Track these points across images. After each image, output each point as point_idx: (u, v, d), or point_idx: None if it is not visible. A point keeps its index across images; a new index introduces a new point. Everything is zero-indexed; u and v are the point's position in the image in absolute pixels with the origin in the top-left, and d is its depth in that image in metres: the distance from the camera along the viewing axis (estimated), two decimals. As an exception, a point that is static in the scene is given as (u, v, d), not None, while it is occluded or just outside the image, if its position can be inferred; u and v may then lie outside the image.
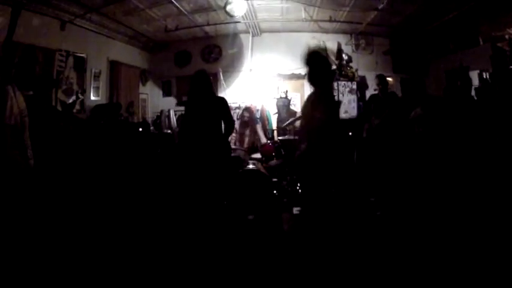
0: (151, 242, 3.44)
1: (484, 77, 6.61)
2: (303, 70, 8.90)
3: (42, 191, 3.69)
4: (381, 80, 5.86)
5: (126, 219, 3.97)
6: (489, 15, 6.43)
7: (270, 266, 2.93)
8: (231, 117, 4.17)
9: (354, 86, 8.81)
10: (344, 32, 8.85)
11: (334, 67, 8.64)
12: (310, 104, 3.44)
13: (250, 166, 4.67)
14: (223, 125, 4.10)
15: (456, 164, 3.80)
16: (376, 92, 6.01)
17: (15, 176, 3.22)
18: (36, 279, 2.58)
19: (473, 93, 5.73)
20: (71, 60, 6.40)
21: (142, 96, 9.16)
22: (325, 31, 8.69)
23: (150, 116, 9.12)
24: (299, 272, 2.78)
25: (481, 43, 6.99)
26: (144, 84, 9.33)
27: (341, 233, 3.10)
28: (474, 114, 4.26)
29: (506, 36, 6.30)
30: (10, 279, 2.49)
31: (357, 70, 8.86)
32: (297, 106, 8.91)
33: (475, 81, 6.44)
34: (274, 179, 5.03)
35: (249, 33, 8.88)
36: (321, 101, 3.32)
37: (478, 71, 6.77)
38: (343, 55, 8.83)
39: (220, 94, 8.57)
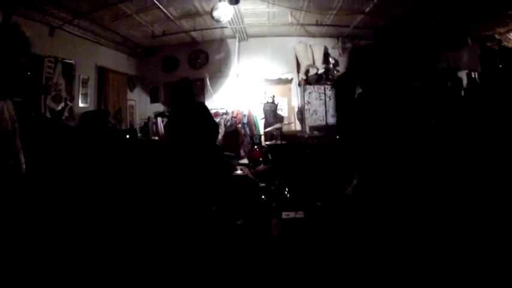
0: (138, 247, 3.43)
1: (473, 76, 6.66)
2: (289, 75, 9.00)
3: (33, 196, 3.69)
4: None
5: (114, 225, 3.95)
6: (479, 15, 6.45)
7: (258, 270, 2.94)
8: (214, 121, 4.18)
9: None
10: (331, 36, 8.92)
11: (321, 71, 8.68)
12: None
13: (238, 172, 4.69)
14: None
15: (448, 164, 3.83)
16: None
17: (8, 180, 3.25)
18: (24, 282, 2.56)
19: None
20: (59, 66, 6.34)
21: (130, 103, 9.12)
22: (312, 35, 8.75)
23: (137, 123, 9.06)
24: (287, 277, 2.80)
25: (470, 43, 7.03)
26: (131, 91, 9.28)
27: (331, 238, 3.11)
28: (466, 115, 4.30)
29: (496, 36, 6.35)
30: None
31: (343, 73, 8.84)
32: (284, 111, 8.96)
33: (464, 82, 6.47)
34: (262, 184, 5.04)
35: (235, 38, 8.88)
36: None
37: (467, 71, 6.81)
38: (330, 59, 8.87)
39: (207, 100, 8.60)
